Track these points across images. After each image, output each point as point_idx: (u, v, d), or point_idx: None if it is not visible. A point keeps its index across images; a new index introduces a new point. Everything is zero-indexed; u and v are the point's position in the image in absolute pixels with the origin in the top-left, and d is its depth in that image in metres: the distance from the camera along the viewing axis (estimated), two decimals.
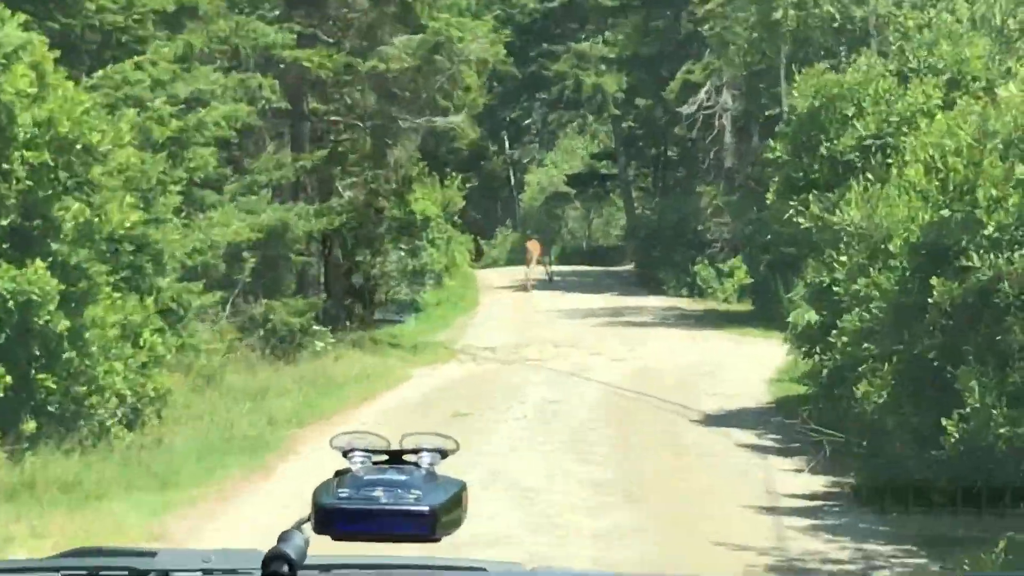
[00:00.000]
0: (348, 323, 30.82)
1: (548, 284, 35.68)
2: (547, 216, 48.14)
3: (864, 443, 11.62)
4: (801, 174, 12.91)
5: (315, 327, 18.85)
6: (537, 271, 35.12)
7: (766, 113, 30.78)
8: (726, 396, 17.08)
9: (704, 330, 25.85)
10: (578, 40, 41.97)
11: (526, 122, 55.56)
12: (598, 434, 14.88)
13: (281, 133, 20.96)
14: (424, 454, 1.78)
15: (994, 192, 9.16)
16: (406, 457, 1.78)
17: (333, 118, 21.39)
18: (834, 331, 11.71)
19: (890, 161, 11.88)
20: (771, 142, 13.49)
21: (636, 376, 19.10)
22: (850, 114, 12.93)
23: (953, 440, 8.95)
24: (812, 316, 13.79)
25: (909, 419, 10.01)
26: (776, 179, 13.33)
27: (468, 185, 40.07)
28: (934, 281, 9.33)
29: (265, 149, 19.71)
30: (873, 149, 12.37)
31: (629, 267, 39.52)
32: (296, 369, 17.50)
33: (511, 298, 33.92)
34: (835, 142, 12.74)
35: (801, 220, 12.28)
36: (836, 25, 21.25)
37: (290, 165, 19.13)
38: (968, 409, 8.91)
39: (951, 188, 9.66)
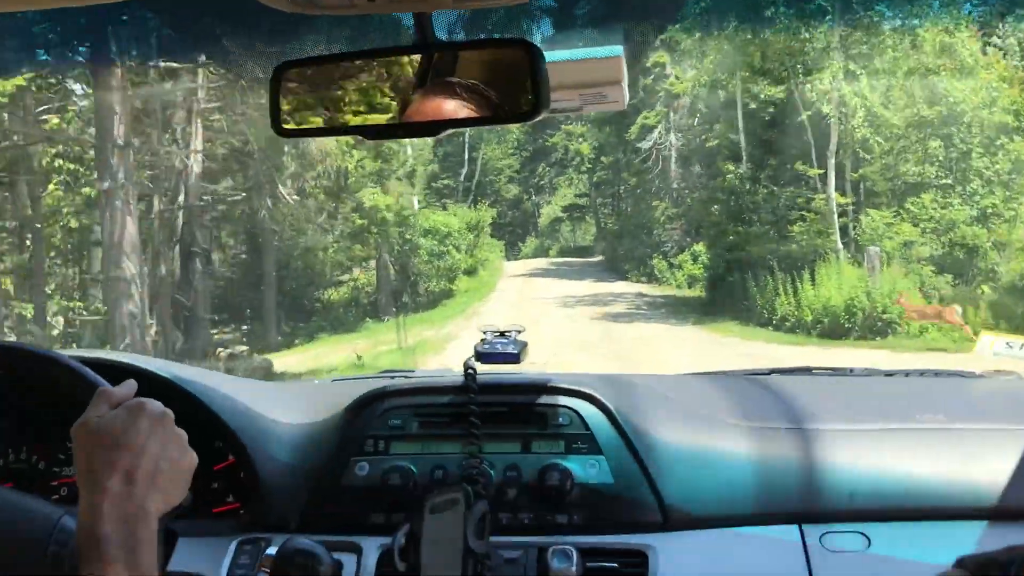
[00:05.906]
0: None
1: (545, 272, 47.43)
2: (552, 230, 64.12)
3: None
4: None
5: None
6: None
7: (706, 145, 42.55)
8: None
9: (684, 325, 21.55)
10: (568, 122, 56.75)
11: (536, 177, 71.03)
12: None
13: None
14: None
15: None
16: None
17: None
18: None
19: None
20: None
21: None
22: None
23: None
24: None
25: None
26: None
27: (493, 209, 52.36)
28: None
29: None
30: None
31: (599, 259, 50.64)
32: None
33: (520, 283, 40.67)
34: None
35: None
36: None
37: None
38: None
39: None
